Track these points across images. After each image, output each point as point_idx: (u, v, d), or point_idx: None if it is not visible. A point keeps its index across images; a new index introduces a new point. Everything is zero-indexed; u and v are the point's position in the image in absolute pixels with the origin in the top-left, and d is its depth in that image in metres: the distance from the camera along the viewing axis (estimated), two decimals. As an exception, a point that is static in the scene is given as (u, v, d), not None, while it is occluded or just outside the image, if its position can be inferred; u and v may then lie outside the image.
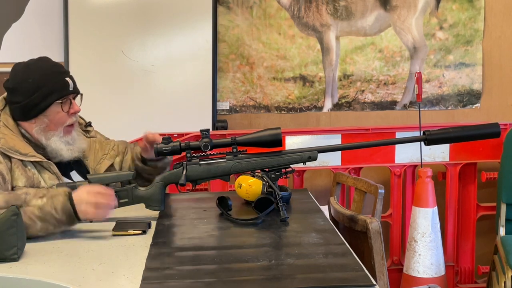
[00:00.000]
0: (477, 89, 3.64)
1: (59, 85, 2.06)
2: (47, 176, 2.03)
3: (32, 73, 2.05)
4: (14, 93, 2.05)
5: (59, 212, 1.81)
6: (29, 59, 2.13)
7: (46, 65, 2.10)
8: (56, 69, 2.10)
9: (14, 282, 1.51)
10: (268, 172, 1.92)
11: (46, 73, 2.06)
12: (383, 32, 3.57)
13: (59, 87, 2.06)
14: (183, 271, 1.48)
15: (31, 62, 2.10)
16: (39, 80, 2.03)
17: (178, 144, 1.92)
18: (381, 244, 1.88)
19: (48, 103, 2.04)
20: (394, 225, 3.37)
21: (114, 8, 3.43)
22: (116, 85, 3.41)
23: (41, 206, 1.81)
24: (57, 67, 2.12)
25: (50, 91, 2.04)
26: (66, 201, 1.82)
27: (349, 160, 3.26)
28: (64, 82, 2.07)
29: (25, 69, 2.07)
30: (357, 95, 3.61)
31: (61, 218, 1.82)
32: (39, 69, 2.06)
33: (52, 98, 2.04)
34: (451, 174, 3.34)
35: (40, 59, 2.13)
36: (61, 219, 1.82)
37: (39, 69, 2.07)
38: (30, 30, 3.45)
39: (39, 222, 1.79)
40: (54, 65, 2.12)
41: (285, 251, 1.64)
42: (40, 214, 1.80)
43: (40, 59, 2.13)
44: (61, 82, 2.07)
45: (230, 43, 3.53)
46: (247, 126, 3.57)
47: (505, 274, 2.88)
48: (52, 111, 2.06)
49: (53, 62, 2.13)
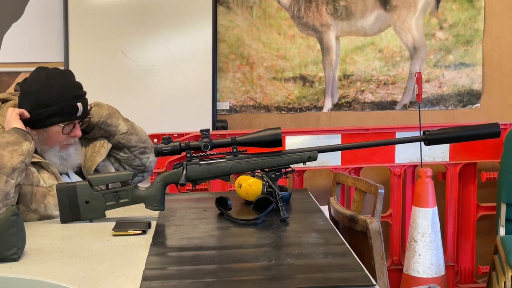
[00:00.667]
0: (477, 89, 3.64)
1: (67, 110, 2.06)
2: (46, 175, 2.04)
3: (47, 87, 2.05)
4: (25, 97, 2.07)
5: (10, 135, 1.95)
6: (53, 69, 2.13)
7: (64, 83, 2.08)
8: (71, 91, 2.08)
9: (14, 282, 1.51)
10: (268, 172, 1.92)
11: (60, 93, 2.05)
12: (383, 32, 3.57)
13: (67, 111, 2.06)
14: (183, 271, 1.48)
15: (52, 74, 2.09)
16: (50, 99, 2.04)
17: (178, 144, 1.92)
18: (381, 244, 1.88)
19: (50, 123, 2.06)
20: (394, 225, 3.37)
21: (114, 8, 3.43)
22: (116, 85, 3.41)
23: None
24: (74, 90, 2.10)
25: (56, 113, 2.05)
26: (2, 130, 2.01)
27: (349, 160, 3.27)
28: (74, 108, 2.07)
29: (44, 80, 2.06)
30: (357, 95, 3.61)
31: (15, 136, 1.95)
32: (55, 86, 2.06)
33: (56, 120, 2.06)
34: (451, 174, 3.34)
35: (62, 73, 2.13)
36: (15, 136, 1.95)
37: (56, 86, 2.06)
38: (30, 30, 3.45)
39: (3, 151, 1.91)
40: (72, 86, 2.10)
41: (285, 251, 1.64)
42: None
43: (62, 73, 2.13)
44: (71, 107, 2.06)
45: (230, 43, 3.53)
46: (247, 126, 3.57)
47: (505, 274, 2.88)
48: (53, 130, 2.08)
49: (73, 82, 2.12)
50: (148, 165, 2.34)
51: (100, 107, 2.22)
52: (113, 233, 1.81)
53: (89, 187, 1.94)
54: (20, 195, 1.98)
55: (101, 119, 2.21)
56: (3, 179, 1.88)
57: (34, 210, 2.00)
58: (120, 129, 2.26)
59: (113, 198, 1.95)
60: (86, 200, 1.95)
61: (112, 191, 1.96)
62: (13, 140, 1.94)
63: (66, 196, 1.94)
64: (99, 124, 2.21)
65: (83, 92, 2.14)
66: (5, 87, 3.45)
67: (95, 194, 1.95)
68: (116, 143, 2.27)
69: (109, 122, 2.23)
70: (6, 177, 1.89)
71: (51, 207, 2.00)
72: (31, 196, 1.99)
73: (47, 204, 2.01)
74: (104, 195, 1.95)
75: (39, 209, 2.00)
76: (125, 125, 2.27)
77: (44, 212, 2.01)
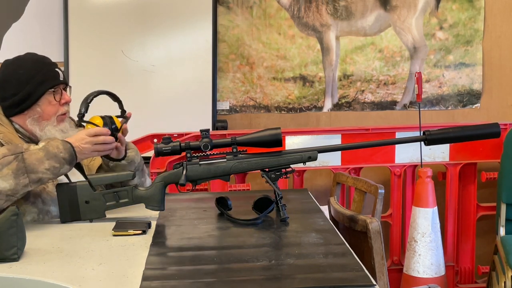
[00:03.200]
0: (477, 89, 3.64)
1: (51, 74, 2.08)
2: None
3: (23, 64, 2.08)
4: (5, 87, 2.07)
5: (62, 150, 1.92)
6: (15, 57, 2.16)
7: (35, 57, 2.13)
8: (45, 60, 2.13)
9: (14, 282, 1.51)
10: (268, 172, 1.92)
11: (37, 63, 2.09)
12: (383, 32, 3.57)
13: (51, 76, 2.08)
14: (183, 271, 1.48)
15: (20, 56, 2.14)
16: (31, 70, 2.06)
17: (178, 144, 1.92)
18: (381, 244, 1.88)
19: (41, 92, 2.06)
20: (394, 225, 3.37)
21: (114, 8, 3.43)
22: (116, 85, 3.41)
23: (42, 148, 1.91)
24: (46, 59, 2.15)
25: (42, 80, 2.06)
26: (64, 141, 1.95)
27: (349, 160, 3.26)
28: (55, 72, 2.10)
29: (15, 61, 2.10)
30: (357, 95, 3.61)
31: (64, 156, 1.92)
32: (29, 60, 2.10)
33: (45, 87, 2.06)
34: (451, 174, 3.34)
35: (27, 53, 2.16)
36: (64, 156, 1.92)
37: (30, 60, 2.10)
38: (30, 30, 3.45)
39: (46, 161, 1.89)
40: (43, 57, 2.15)
41: (285, 251, 1.64)
42: (44, 154, 1.90)
43: (28, 53, 2.17)
44: (52, 71, 2.10)
45: (230, 43, 3.53)
46: (247, 126, 3.57)
47: (505, 274, 2.88)
48: (44, 100, 2.08)
49: (41, 55, 2.16)
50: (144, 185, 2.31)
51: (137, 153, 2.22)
52: (113, 233, 1.81)
53: (89, 187, 1.95)
54: None
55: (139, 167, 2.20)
56: (25, 181, 1.88)
57: (32, 202, 1.99)
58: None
59: (113, 198, 1.95)
60: (86, 200, 1.95)
61: (112, 191, 1.96)
62: (60, 157, 1.92)
63: (66, 196, 1.94)
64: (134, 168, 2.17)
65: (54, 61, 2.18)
66: (5, 87, 3.45)
67: (95, 194, 1.95)
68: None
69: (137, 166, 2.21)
70: (29, 181, 1.88)
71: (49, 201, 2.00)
72: None
73: (46, 197, 2.01)
74: (104, 195, 1.95)
75: (37, 202, 2.00)
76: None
77: (42, 205, 2.01)
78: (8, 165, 1.85)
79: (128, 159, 2.15)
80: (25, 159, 1.88)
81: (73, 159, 1.95)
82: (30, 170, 1.87)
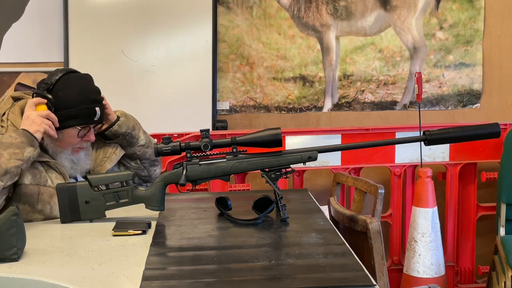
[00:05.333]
0: (477, 89, 3.64)
1: (85, 113, 2.05)
2: (54, 175, 2.04)
3: (68, 88, 2.04)
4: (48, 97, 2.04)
5: (16, 136, 1.92)
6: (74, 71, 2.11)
7: (84, 86, 2.08)
8: (91, 95, 2.08)
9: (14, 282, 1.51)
10: (268, 172, 1.92)
11: (80, 95, 2.05)
12: (383, 32, 3.57)
13: (85, 115, 2.06)
14: (183, 271, 1.48)
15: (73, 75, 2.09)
16: (71, 99, 2.03)
17: (178, 144, 1.91)
18: (381, 244, 1.88)
19: (68, 125, 2.04)
20: (394, 225, 3.37)
21: (114, 8, 3.43)
22: (116, 85, 3.41)
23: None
24: (93, 94, 2.09)
25: (75, 115, 2.04)
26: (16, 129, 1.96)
27: (349, 160, 3.26)
28: (92, 112, 2.06)
29: (65, 80, 2.05)
30: (357, 95, 3.61)
31: (21, 140, 1.92)
32: (76, 88, 2.05)
33: (74, 123, 2.05)
34: (451, 174, 3.34)
35: (82, 76, 2.11)
36: (22, 140, 1.92)
37: (76, 88, 2.05)
38: (30, 30, 3.45)
39: (3, 151, 1.89)
40: (92, 90, 2.10)
41: (285, 251, 1.64)
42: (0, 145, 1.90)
43: (82, 77, 2.12)
44: (90, 110, 2.06)
45: (230, 43, 3.53)
46: (247, 126, 3.57)
47: (505, 274, 2.88)
48: (68, 132, 2.06)
49: (93, 86, 2.11)
50: (154, 177, 2.33)
51: (127, 118, 2.22)
52: (113, 233, 1.81)
53: (89, 187, 1.94)
54: (27, 195, 1.98)
55: (128, 131, 2.21)
56: None
57: (40, 210, 1.99)
58: (140, 142, 2.26)
59: (113, 198, 1.95)
60: (86, 200, 1.95)
61: (112, 191, 1.95)
62: (17, 142, 1.91)
63: (66, 196, 1.94)
64: (124, 135, 2.21)
65: (102, 97, 2.13)
66: (5, 87, 3.46)
67: (95, 194, 1.95)
68: (132, 153, 2.27)
69: (133, 134, 2.23)
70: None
71: (57, 208, 1.98)
72: (38, 196, 1.99)
73: (53, 205, 2.00)
74: (104, 195, 1.95)
75: (45, 210, 2.00)
76: (144, 138, 2.28)
77: (49, 213, 2.01)
78: None
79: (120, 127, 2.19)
80: None
81: (32, 139, 1.94)
82: None
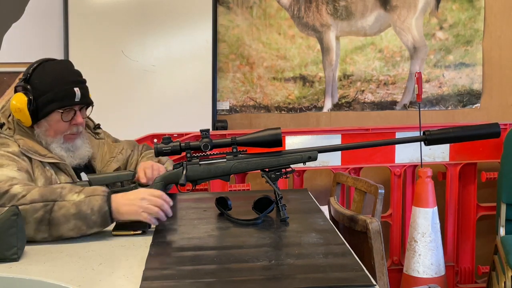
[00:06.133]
0: (477, 89, 3.64)
1: (62, 94, 2.01)
2: (63, 178, 2.03)
3: (43, 74, 2.02)
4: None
5: (95, 213, 1.75)
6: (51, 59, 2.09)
7: (59, 70, 2.05)
8: (67, 77, 2.04)
9: (14, 282, 1.51)
10: (268, 172, 1.92)
11: (54, 80, 2.02)
12: (383, 32, 3.57)
13: (62, 96, 2.01)
14: (183, 271, 1.48)
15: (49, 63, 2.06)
16: (46, 85, 2.00)
17: (178, 144, 1.91)
18: (381, 244, 1.88)
19: (48, 111, 2.01)
20: (394, 225, 3.37)
21: (114, 8, 3.43)
22: (116, 85, 3.41)
23: (77, 203, 1.74)
24: (70, 75, 2.06)
25: (52, 99, 2.00)
26: (104, 202, 1.76)
27: (349, 160, 3.26)
28: (70, 93, 2.02)
29: (41, 68, 2.03)
30: (357, 95, 3.61)
31: (96, 220, 1.76)
32: (50, 73, 2.03)
33: (53, 107, 2.01)
34: (451, 174, 3.34)
35: (58, 62, 2.10)
36: (96, 220, 1.76)
37: (50, 73, 2.03)
38: (30, 30, 3.45)
39: (72, 220, 1.74)
40: (69, 71, 2.07)
41: (285, 251, 1.64)
42: (75, 212, 1.74)
43: (59, 62, 2.10)
44: (66, 91, 2.02)
45: (230, 43, 3.53)
46: (247, 126, 3.57)
47: (505, 274, 2.88)
48: (52, 118, 2.03)
49: (70, 69, 2.08)
50: None
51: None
52: (113, 233, 1.81)
53: (89, 187, 1.94)
54: None
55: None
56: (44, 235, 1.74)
57: None
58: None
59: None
60: (86, 200, 1.93)
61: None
62: (91, 220, 1.76)
63: (66, 196, 1.93)
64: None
65: (82, 79, 2.09)
66: (5, 87, 3.45)
67: (95, 194, 1.93)
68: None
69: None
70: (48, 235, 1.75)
71: None
72: None
73: None
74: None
75: None
76: None
77: None
78: (34, 214, 1.72)
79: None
80: (53, 212, 1.73)
81: (108, 222, 1.78)
82: (53, 225, 1.74)
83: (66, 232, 1.75)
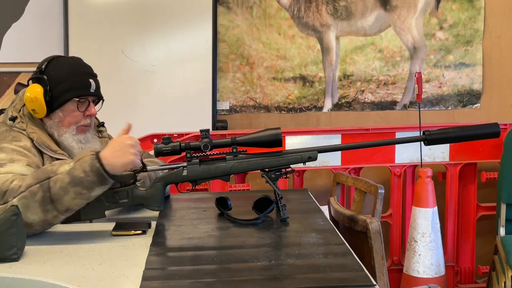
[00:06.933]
0: (477, 89, 3.64)
1: (79, 84, 2.06)
2: None
3: (59, 66, 2.07)
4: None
5: (89, 173, 1.74)
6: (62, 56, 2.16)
7: (74, 63, 2.12)
8: (82, 68, 2.11)
9: (14, 282, 1.50)
10: (268, 172, 1.92)
11: (71, 69, 2.08)
12: (383, 32, 3.57)
13: (79, 85, 2.06)
14: (183, 271, 1.48)
15: (63, 57, 2.14)
16: (63, 74, 2.05)
17: (178, 144, 1.91)
18: (381, 244, 1.88)
19: (65, 99, 2.05)
20: (394, 225, 3.37)
21: (114, 8, 3.43)
22: (116, 85, 3.42)
23: (69, 171, 1.74)
24: (84, 68, 2.13)
25: (70, 87, 2.05)
26: (93, 160, 1.75)
27: (349, 160, 3.27)
28: (86, 82, 2.08)
29: (55, 62, 2.09)
30: (357, 95, 3.61)
31: (93, 179, 1.74)
32: (66, 64, 2.09)
33: (70, 95, 2.05)
34: (451, 174, 3.34)
35: (72, 57, 2.17)
36: (93, 180, 1.74)
37: (67, 64, 2.09)
38: (30, 30, 3.45)
39: (71, 189, 1.73)
40: (82, 65, 2.14)
41: (285, 251, 1.64)
42: (69, 180, 1.73)
43: (73, 57, 2.17)
44: (83, 81, 2.08)
45: (230, 43, 3.53)
46: (247, 126, 3.57)
47: (505, 274, 2.88)
48: (68, 108, 2.06)
49: (83, 63, 2.15)
50: None
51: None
52: (113, 233, 1.81)
53: (89, 187, 1.94)
54: None
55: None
56: (53, 213, 1.76)
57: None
58: None
59: (113, 198, 1.95)
60: (86, 200, 1.94)
61: (111, 191, 1.95)
62: (87, 182, 1.75)
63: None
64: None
65: (94, 73, 2.16)
66: (5, 87, 3.46)
67: (95, 194, 1.94)
68: None
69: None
70: (57, 212, 1.76)
71: None
72: None
73: None
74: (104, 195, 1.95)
75: None
76: None
77: None
78: (35, 197, 1.73)
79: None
80: (51, 188, 1.74)
81: (105, 179, 1.76)
82: (56, 200, 1.74)
83: (70, 202, 1.75)
